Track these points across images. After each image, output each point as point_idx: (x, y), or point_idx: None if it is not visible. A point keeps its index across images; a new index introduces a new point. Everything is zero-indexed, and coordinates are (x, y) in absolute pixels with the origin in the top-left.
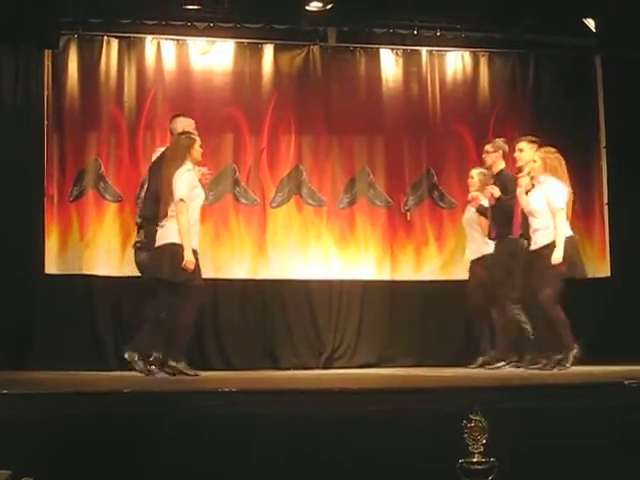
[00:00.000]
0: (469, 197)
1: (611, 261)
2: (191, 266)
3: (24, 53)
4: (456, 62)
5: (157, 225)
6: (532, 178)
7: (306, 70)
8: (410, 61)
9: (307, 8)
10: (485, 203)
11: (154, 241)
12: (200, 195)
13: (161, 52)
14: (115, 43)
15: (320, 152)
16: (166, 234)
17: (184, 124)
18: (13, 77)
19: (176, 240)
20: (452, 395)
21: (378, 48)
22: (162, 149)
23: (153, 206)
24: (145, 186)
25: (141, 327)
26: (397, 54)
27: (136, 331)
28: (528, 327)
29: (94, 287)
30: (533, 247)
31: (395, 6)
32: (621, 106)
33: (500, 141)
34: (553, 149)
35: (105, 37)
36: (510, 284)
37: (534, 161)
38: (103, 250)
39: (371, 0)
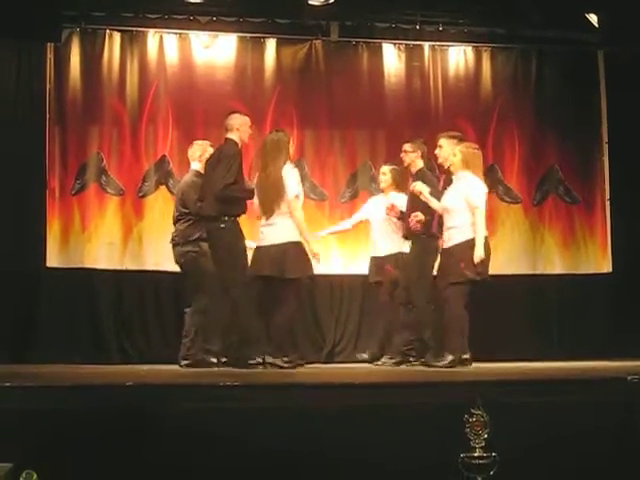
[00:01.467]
0: (388, 205)
1: (613, 257)
2: (319, 258)
3: (27, 46)
4: (458, 57)
5: (222, 223)
6: (450, 173)
7: (308, 64)
8: (412, 56)
9: (310, 2)
10: (402, 208)
11: (218, 238)
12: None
13: (163, 46)
14: (117, 37)
15: (322, 146)
16: (281, 232)
17: (240, 121)
18: (15, 70)
19: (296, 238)
20: (454, 389)
21: (380, 43)
22: (205, 145)
23: (216, 205)
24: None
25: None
26: (399, 49)
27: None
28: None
29: (95, 280)
30: (446, 245)
31: (398, 0)
32: (624, 101)
33: (419, 141)
34: (474, 145)
35: (107, 30)
36: (423, 283)
37: (454, 155)
38: (104, 244)
39: None
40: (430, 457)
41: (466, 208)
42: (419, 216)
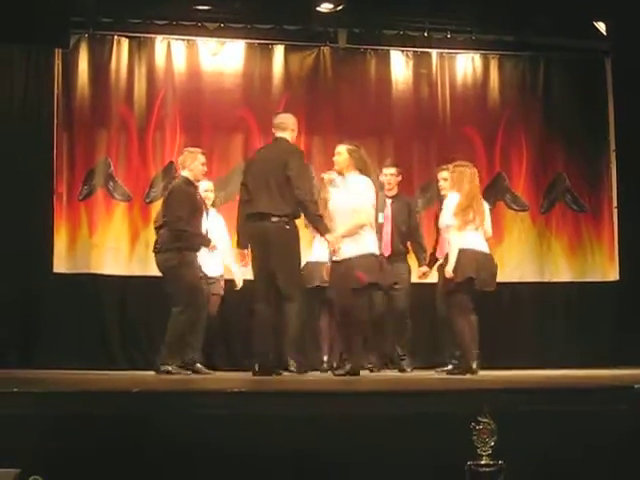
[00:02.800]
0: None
1: (620, 265)
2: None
3: (35, 52)
4: (466, 64)
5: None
6: (443, 196)
7: (316, 71)
8: (420, 63)
9: (318, 9)
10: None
11: None
12: None
13: (171, 52)
14: (125, 43)
15: (329, 153)
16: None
17: (291, 120)
18: (24, 76)
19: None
20: (461, 397)
21: (388, 50)
22: (196, 153)
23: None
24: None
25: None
26: (407, 56)
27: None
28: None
29: (102, 286)
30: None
31: (406, 8)
32: (631, 109)
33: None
34: (465, 163)
35: (116, 37)
36: None
37: (444, 179)
38: (111, 249)
39: (382, 1)
40: (437, 465)
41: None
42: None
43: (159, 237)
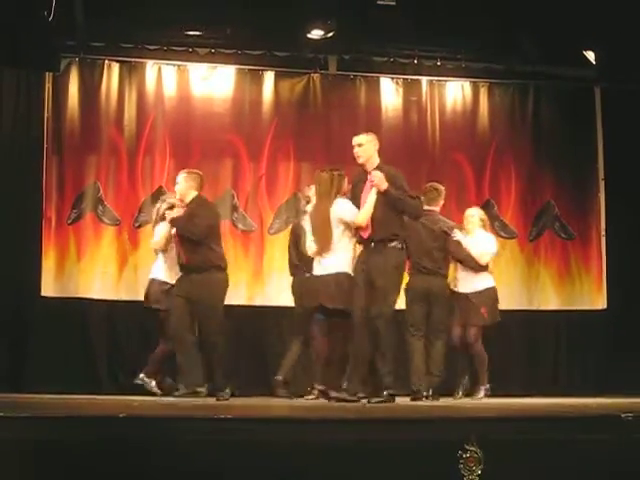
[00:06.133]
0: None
1: (608, 293)
2: None
3: (25, 75)
4: (456, 92)
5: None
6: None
7: (306, 97)
8: (410, 90)
9: (308, 36)
10: None
11: None
12: None
13: (162, 77)
14: (116, 67)
15: None
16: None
17: None
18: (14, 99)
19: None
20: (447, 425)
21: (378, 77)
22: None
23: None
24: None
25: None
26: (397, 83)
27: None
28: None
29: (90, 310)
30: None
31: (396, 35)
32: (620, 138)
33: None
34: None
35: (106, 61)
36: None
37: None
38: (99, 273)
39: (372, 29)
40: None
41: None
42: None
43: None
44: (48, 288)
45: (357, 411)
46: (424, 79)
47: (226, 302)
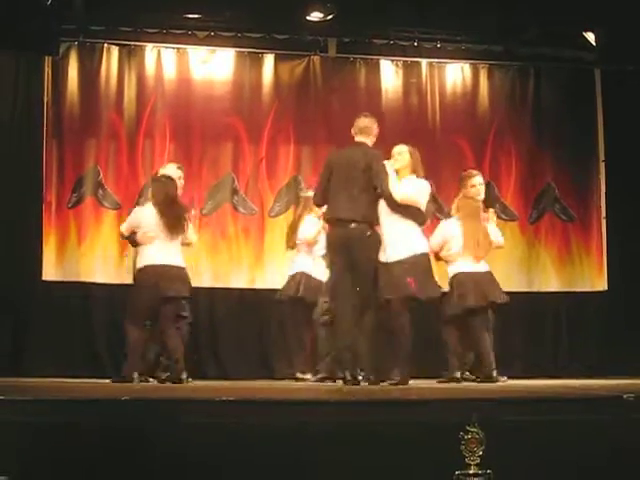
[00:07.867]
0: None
1: (608, 275)
2: None
3: (25, 59)
4: (456, 74)
5: None
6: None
7: (306, 80)
8: (410, 72)
9: (308, 18)
10: None
11: None
12: None
13: (161, 60)
14: (115, 51)
15: (319, 162)
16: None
17: (376, 126)
18: (13, 83)
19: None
20: (449, 407)
21: (378, 59)
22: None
23: None
24: None
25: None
26: (397, 65)
27: None
28: None
29: (91, 294)
30: None
31: (396, 17)
32: (620, 120)
33: None
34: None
35: (105, 44)
36: None
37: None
38: (100, 257)
39: (372, 11)
40: (425, 474)
41: None
42: None
43: None
44: (49, 272)
45: (356, 393)
46: (424, 61)
47: (227, 285)
